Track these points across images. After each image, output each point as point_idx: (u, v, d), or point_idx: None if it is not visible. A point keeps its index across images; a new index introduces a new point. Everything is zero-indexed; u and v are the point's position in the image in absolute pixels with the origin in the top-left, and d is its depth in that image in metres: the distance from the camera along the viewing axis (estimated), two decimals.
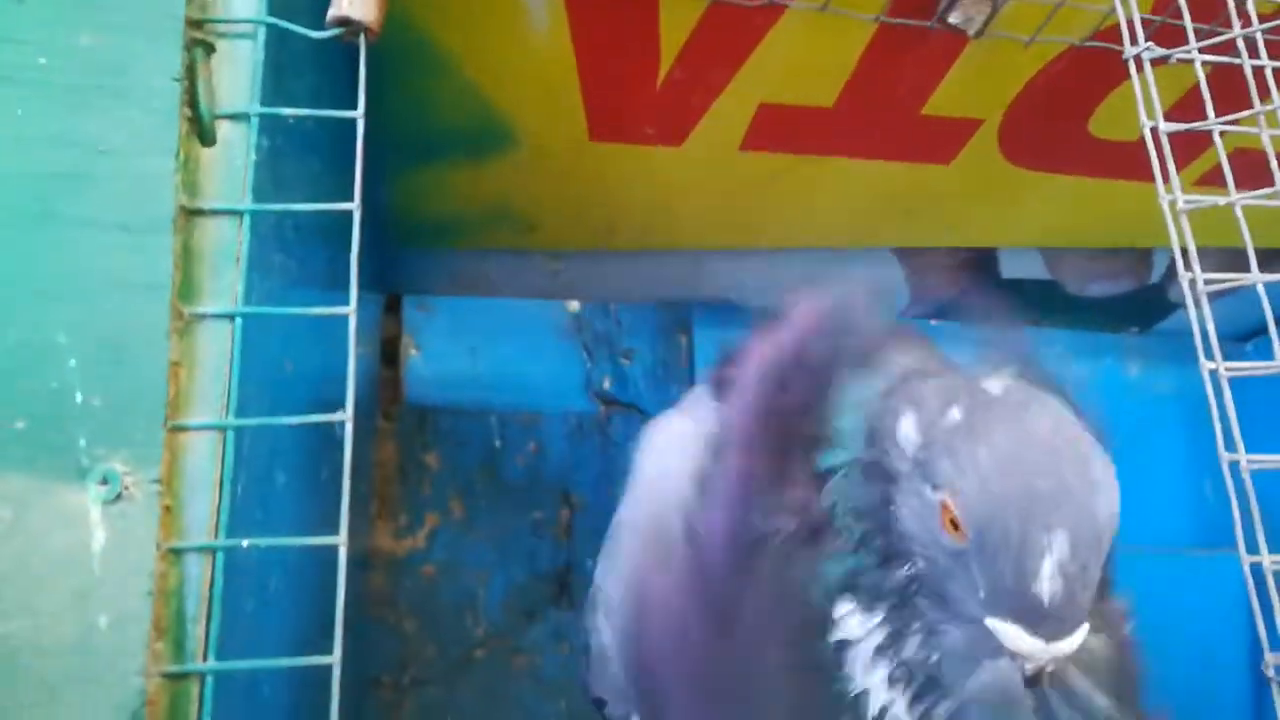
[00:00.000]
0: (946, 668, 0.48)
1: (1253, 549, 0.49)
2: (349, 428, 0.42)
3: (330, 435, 0.88)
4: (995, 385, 0.50)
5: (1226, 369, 0.52)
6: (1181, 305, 0.55)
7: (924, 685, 0.49)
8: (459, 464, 1.22)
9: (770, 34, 0.84)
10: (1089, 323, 1.26)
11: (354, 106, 0.48)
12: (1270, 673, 0.48)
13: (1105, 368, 1.28)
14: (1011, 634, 0.44)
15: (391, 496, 1.19)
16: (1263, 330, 1.25)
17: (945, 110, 0.94)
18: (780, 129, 0.93)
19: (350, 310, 0.43)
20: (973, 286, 1.17)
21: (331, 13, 0.47)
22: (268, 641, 0.45)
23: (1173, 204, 0.56)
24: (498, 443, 1.24)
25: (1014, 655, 0.45)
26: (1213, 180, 0.59)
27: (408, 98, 0.84)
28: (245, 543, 0.41)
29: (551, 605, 1.20)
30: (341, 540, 0.41)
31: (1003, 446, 0.45)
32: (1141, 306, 1.23)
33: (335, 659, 0.39)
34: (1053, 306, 1.21)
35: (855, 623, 0.50)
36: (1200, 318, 0.53)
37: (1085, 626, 0.44)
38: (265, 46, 0.47)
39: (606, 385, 1.28)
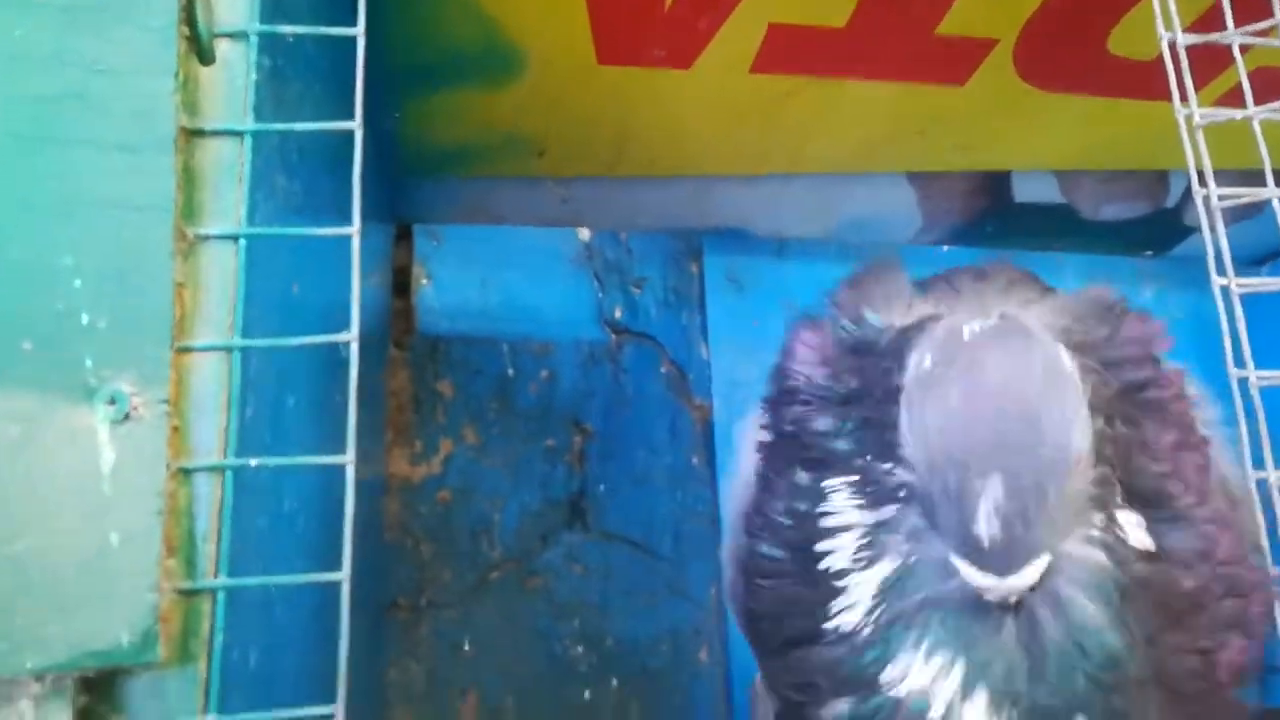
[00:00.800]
0: (919, 572, 0.50)
1: (1259, 465, 0.49)
2: (354, 348, 0.42)
3: (340, 359, 0.88)
4: (970, 329, 0.50)
5: (1238, 285, 0.51)
6: (1197, 229, 0.54)
7: (898, 583, 0.50)
8: (472, 392, 1.23)
9: None
10: (1103, 247, 1.24)
11: (355, 25, 0.47)
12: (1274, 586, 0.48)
13: (1120, 292, 1.27)
14: (963, 568, 0.47)
15: (406, 424, 1.20)
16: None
17: (960, 29, 0.92)
18: (791, 50, 0.92)
19: (353, 230, 0.43)
20: (986, 210, 1.16)
21: None
22: (281, 561, 0.46)
23: (1189, 119, 0.55)
24: (510, 371, 1.24)
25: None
26: (1233, 101, 0.58)
27: (413, 22, 0.83)
28: (254, 462, 0.41)
29: (565, 529, 1.21)
30: (349, 459, 0.41)
31: (949, 397, 0.47)
32: (1157, 230, 1.22)
33: (344, 575, 0.40)
34: (1067, 230, 1.20)
35: (843, 500, 0.52)
36: (1214, 236, 0.52)
37: (1043, 558, 0.46)
38: None
39: (618, 314, 1.28)
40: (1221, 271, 0.52)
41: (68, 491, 0.39)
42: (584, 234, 1.28)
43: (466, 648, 1.15)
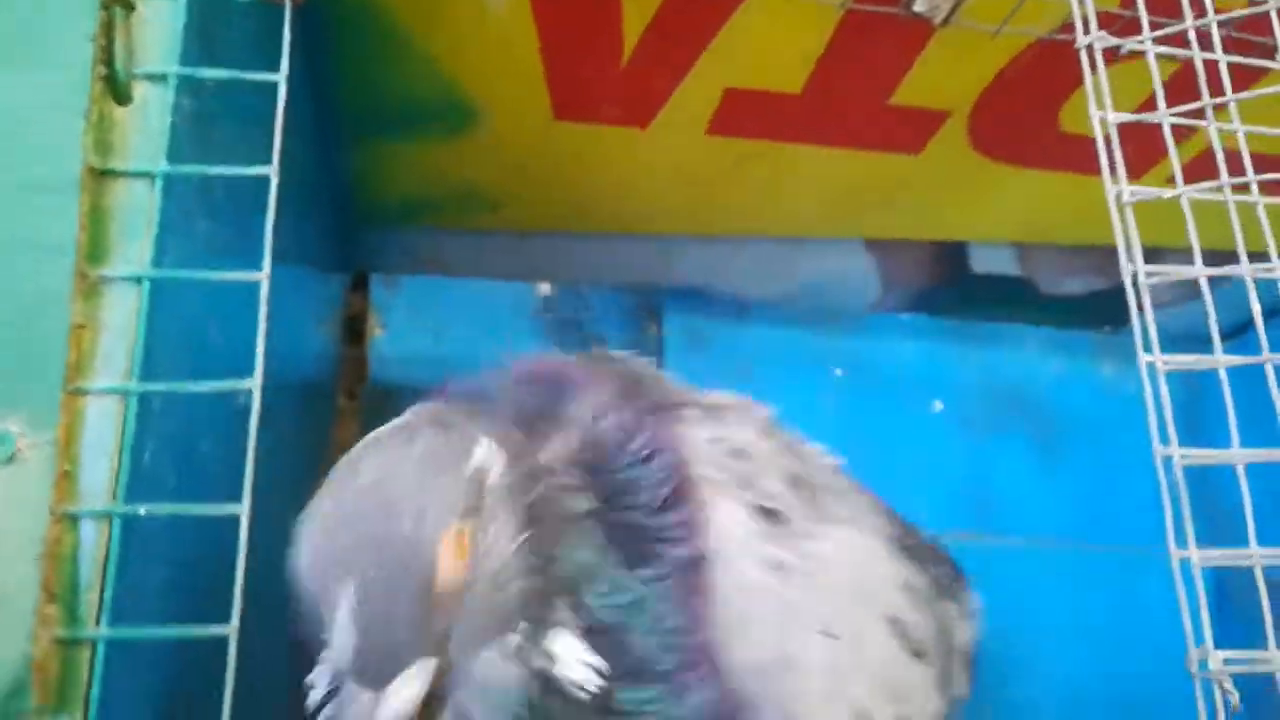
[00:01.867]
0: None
1: (1182, 544, 0.48)
2: (256, 395, 0.41)
3: (271, 407, 0.87)
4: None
5: (1165, 362, 0.51)
6: (1157, 304, 0.55)
7: None
8: None
9: (735, 16, 0.83)
10: (1062, 320, 1.25)
11: (291, 72, 0.47)
12: (1194, 669, 0.47)
13: (1079, 366, 1.27)
14: (353, 691, 0.41)
15: None
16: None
17: (914, 100, 0.93)
18: (748, 114, 0.92)
19: (262, 276, 0.42)
20: (944, 280, 1.16)
21: None
22: (182, 612, 0.44)
23: (1118, 196, 0.55)
24: None
25: None
26: (1191, 177, 0.58)
27: (364, 71, 0.83)
28: (142, 510, 0.40)
29: None
30: (244, 510, 0.40)
31: (322, 505, 0.44)
32: (1114, 304, 1.22)
33: (232, 629, 0.39)
34: (1025, 302, 1.21)
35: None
36: (1142, 314, 0.52)
37: (425, 663, 0.41)
38: (188, 7, 0.46)
39: None
40: (1148, 349, 0.52)
41: None
42: (544, 289, 1.27)
43: None
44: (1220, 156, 0.56)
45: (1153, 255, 0.55)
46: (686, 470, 0.54)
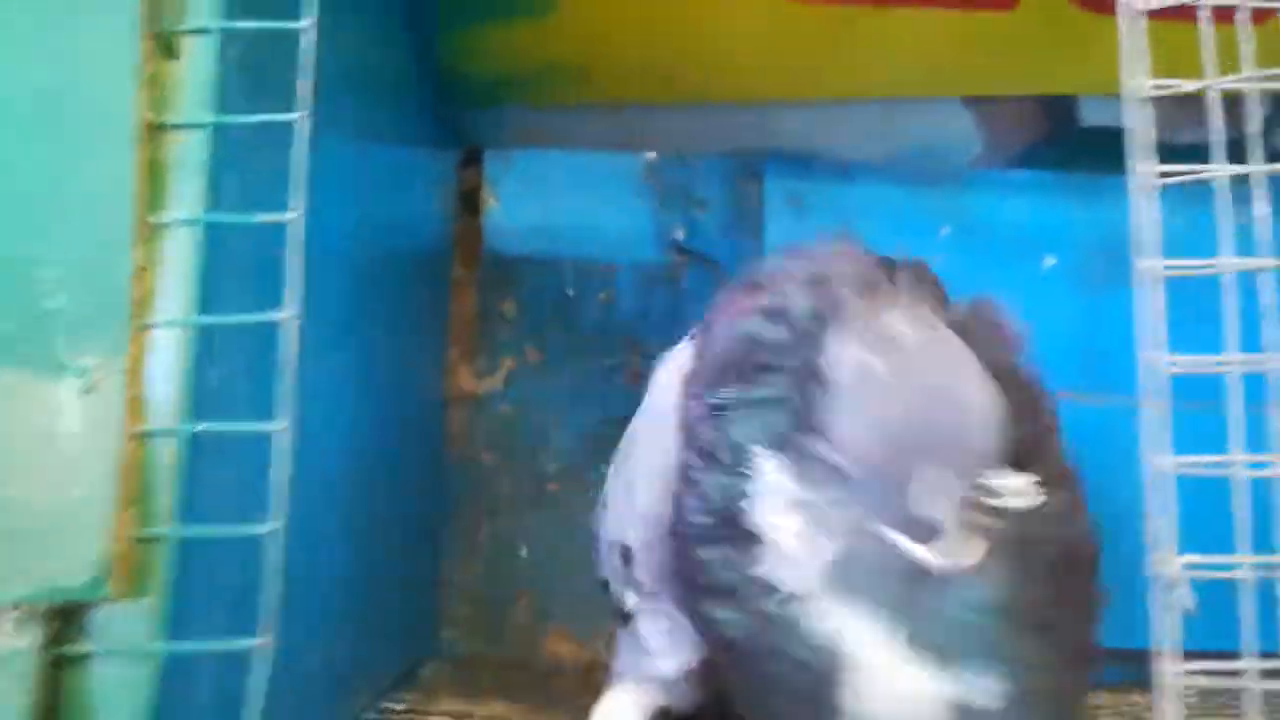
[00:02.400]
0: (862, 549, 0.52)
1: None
2: (292, 328, 0.46)
3: (387, 279, 0.94)
4: (893, 326, 0.52)
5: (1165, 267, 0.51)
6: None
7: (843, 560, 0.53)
8: (534, 312, 1.28)
9: None
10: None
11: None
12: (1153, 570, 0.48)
13: (1193, 217, 1.21)
14: (903, 542, 0.50)
15: (471, 342, 1.27)
16: None
17: None
18: None
19: (293, 216, 0.47)
20: (1049, 135, 1.12)
21: None
22: (246, 511, 0.51)
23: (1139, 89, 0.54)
24: (571, 291, 1.29)
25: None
26: None
27: None
28: (200, 426, 0.47)
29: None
30: (281, 426, 0.46)
31: (887, 393, 0.51)
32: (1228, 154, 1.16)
33: (273, 527, 0.45)
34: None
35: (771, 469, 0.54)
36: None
37: (981, 545, 0.50)
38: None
39: (679, 235, 1.30)
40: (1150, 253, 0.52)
41: (41, 452, 0.45)
42: (650, 156, 1.30)
43: (523, 553, 1.23)
44: None
45: None
46: None
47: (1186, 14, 0.53)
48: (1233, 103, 0.54)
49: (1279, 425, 0.49)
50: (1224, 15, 0.54)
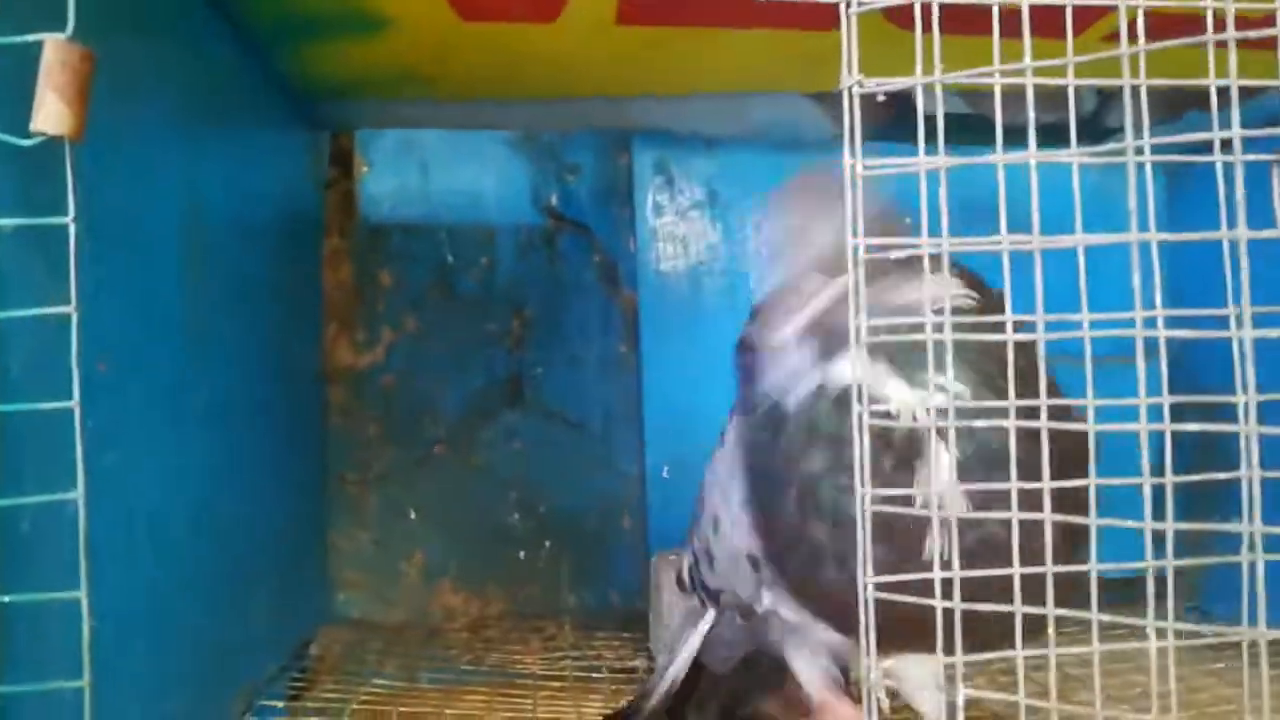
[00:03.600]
0: None
1: None
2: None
3: (252, 254, 0.96)
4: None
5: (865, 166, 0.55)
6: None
7: None
8: (413, 281, 1.30)
9: None
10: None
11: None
12: None
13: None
14: None
15: (349, 314, 1.29)
16: None
17: None
18: (652, 1, 0.91)
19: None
20: (896, 120, 1.14)
21: (32, 126, 0.50)
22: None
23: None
24: (450, 258, 1.31)
25: None
26: None
27: None
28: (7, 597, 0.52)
29: (506, 408, 1.32)
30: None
31: None
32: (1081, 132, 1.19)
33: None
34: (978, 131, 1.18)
35: None
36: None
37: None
38: None
39: (554, 201, 1.32)
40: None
41: None
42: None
43: (412, 516, 1.30)
44: None
45: None
46: None
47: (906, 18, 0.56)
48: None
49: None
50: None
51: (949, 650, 0.48)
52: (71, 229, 0.51)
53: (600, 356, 1.32)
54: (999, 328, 0.53)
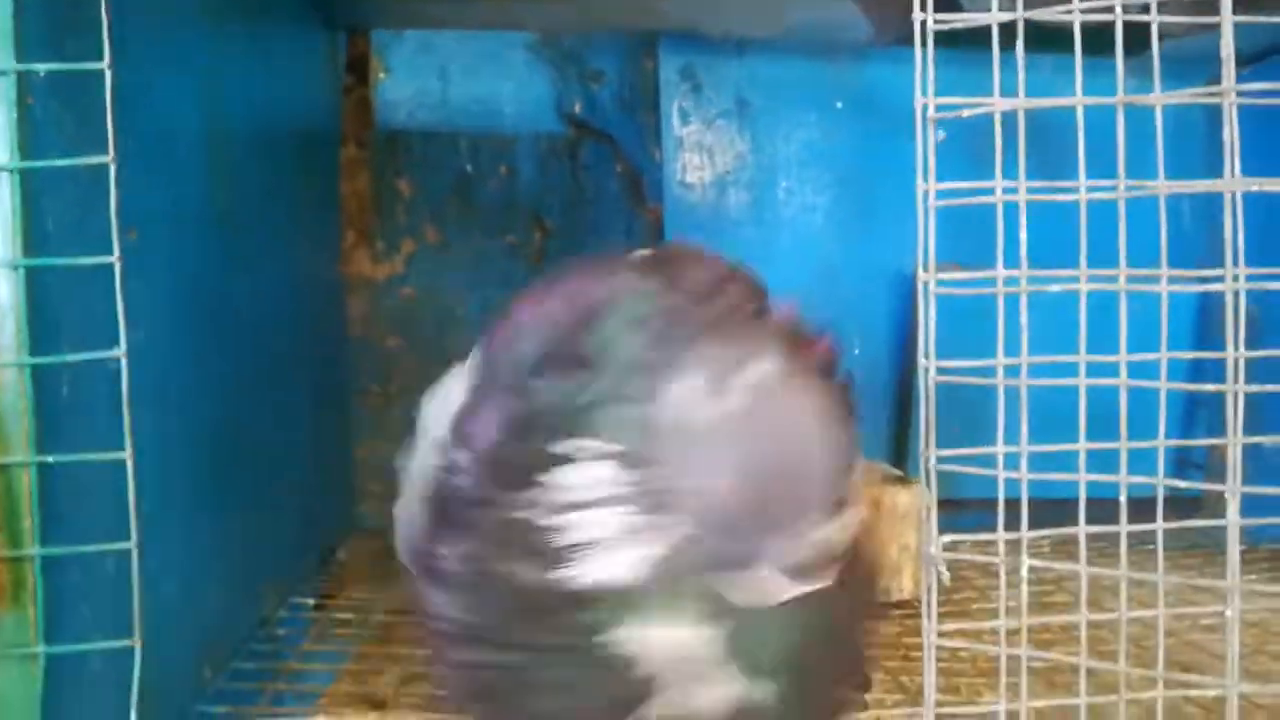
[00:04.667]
0: None
1: None
2: (124, 364, 0.49)
3: (267, 163, 0.94)
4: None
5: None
6: (1167, 35, 0.54)
7: None
8: (432, 190, 1.28)
9: None
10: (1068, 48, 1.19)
11: None
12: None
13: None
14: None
15: (367, 224, 1.27)
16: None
17: None
18: None
19: (114, 259, 0.49)
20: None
21: None
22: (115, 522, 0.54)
23: None
24: (469, 168, 1.28)
25: None
26: None
27: None
28: (51, 459, 0.50)
29: None
30: (127, 455, 0.49)
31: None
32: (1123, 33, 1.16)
33: (132, 544, 0.49)
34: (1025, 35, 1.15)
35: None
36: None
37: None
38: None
39: (576, 109, 1.29)
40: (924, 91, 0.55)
41: None
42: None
43: None
44: None
45: None
46: None
47: None
48: None
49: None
50: None
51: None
52: (108, 75, 0.49)
53: None
54: None
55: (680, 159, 1.26)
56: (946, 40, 0.59)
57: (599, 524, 0.49)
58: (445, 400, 0.57)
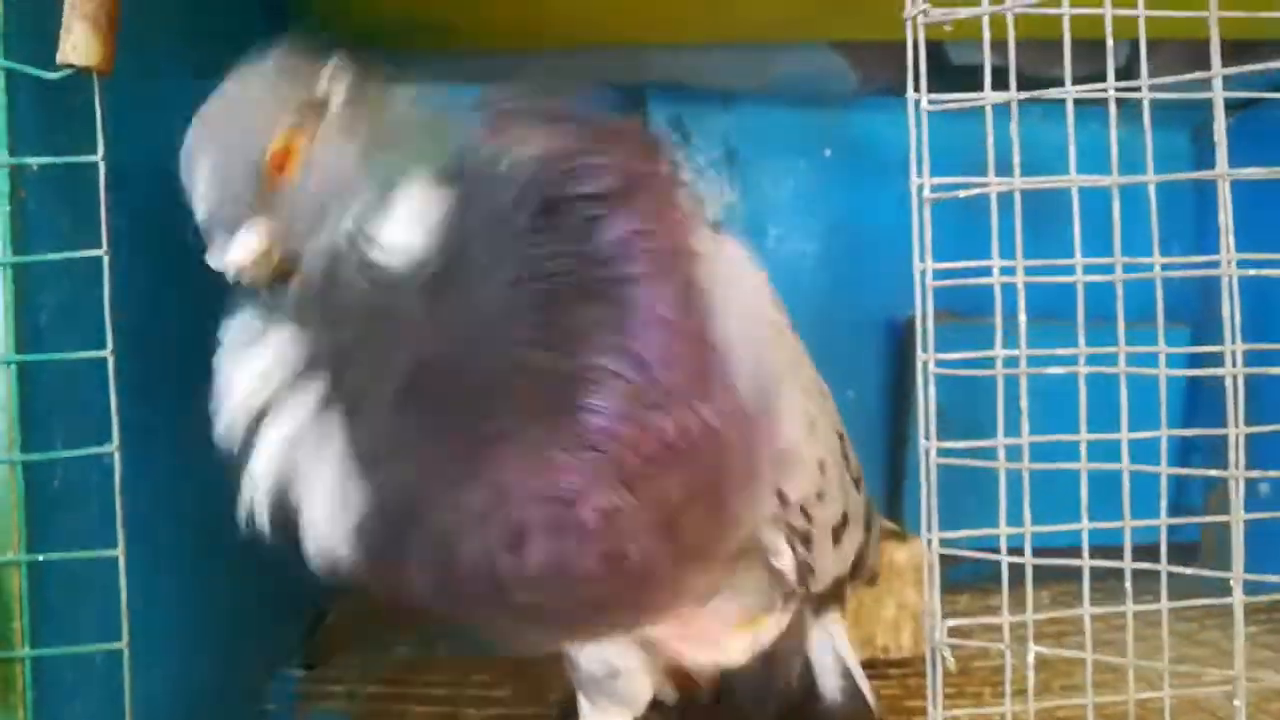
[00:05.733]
0: None
1: None
2: (117, 457, 0.48)
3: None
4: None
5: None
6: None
7: None
8: None
9: None
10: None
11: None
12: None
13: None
14: (212, 236, 0.51)
15: None
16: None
17: None
18: None
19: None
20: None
21: (59, 57, 0.47)
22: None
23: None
24: None
25: None
26: None
27: None
28: (40, 558, 0.49)
29: None
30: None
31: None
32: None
33: (123, 644, 0.49)
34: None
35: None
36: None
37: (262, 222, 0.50)
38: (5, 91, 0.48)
39: None
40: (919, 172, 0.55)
41: None
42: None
43: None
44: None
45: None
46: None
47: None
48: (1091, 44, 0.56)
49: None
50: None
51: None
52: (101, 167, 0.49)
53: None
54: None
55: None
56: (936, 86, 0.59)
57: None
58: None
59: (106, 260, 0.49)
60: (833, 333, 1.29)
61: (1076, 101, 0.56)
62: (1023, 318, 0.53)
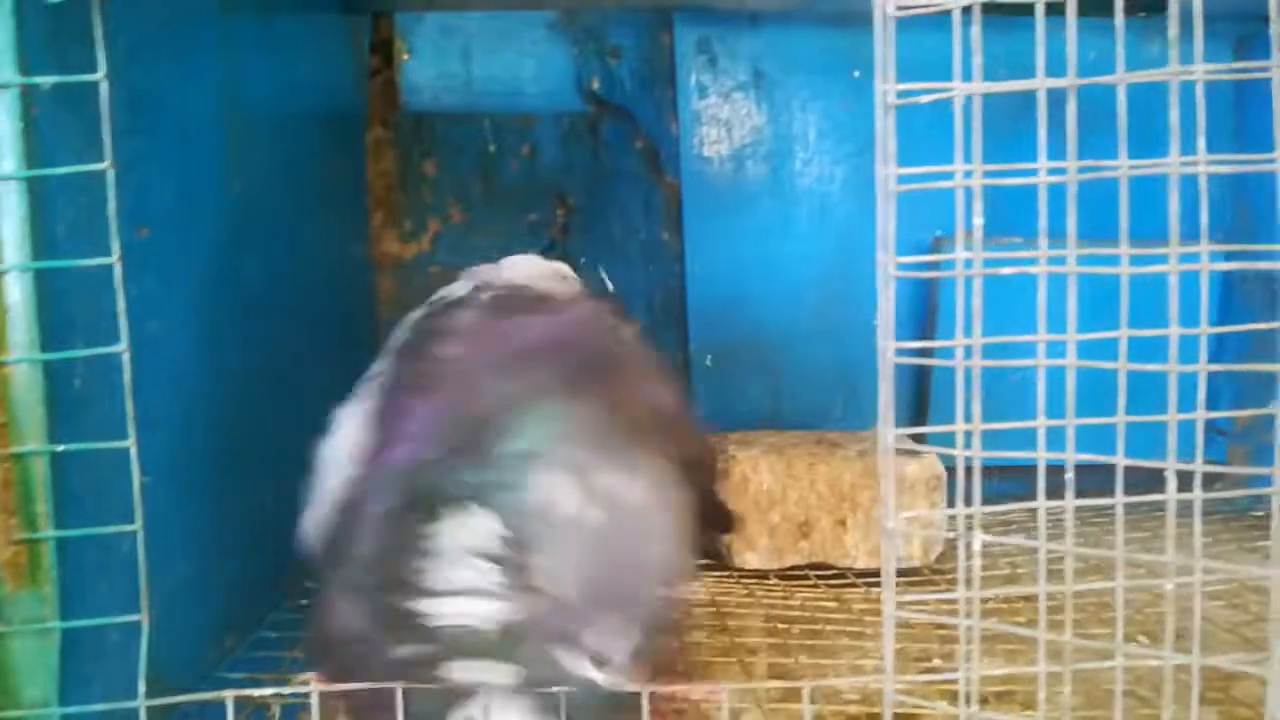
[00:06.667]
0: None
1: None
2: (126, 360, 0.52)
3: (298, 147, 0.97)
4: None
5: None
6: None
7: None
8: (456, 170, 1.31)
9: None
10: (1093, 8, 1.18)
11: None
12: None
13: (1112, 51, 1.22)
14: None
15: (394, 204, 1.30)
16: None
17: None
18: None
19: (114, 260, 0.52)
20: None
21: None
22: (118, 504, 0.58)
23: None
24: (492, 147, 1.31)
25: None
26: None
27: None
28: (60, 447, 0.54)
29: None
30: (131, 442, 0.53)
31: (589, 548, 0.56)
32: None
33: (137, 527, 0.53)
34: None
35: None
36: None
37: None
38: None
39: (595, 85, 1.31)
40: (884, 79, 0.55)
41: None
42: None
43: None
44: None
45: None
46: None
47: None
48: None
49: None
50: None
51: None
52: (103, 86, 0.52)
53: (643, 244, 1.31)
54: None
55: (698, 132, 1.27)
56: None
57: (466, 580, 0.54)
58: (341, 439, 0.67)
59: (111, 174, 0.52)
60: (860, 255, 1.30)
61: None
62: (978, 220, 0.54)
